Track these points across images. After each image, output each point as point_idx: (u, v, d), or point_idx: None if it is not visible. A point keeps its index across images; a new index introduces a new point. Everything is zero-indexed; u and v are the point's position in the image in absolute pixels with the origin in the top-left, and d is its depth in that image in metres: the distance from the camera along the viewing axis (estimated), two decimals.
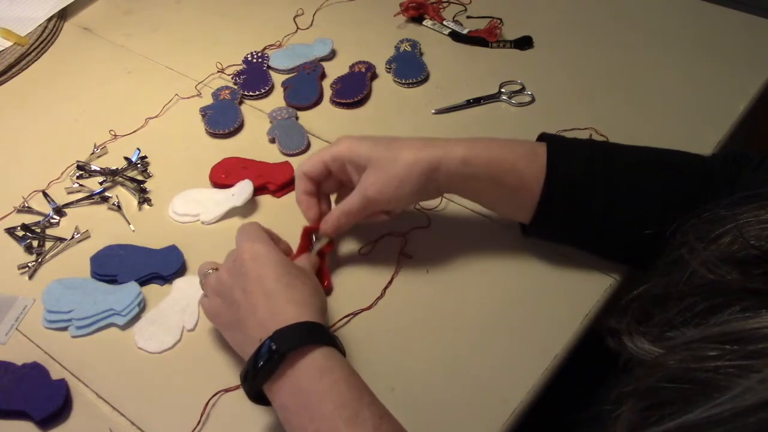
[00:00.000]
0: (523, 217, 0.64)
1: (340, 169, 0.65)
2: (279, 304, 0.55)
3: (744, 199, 0.45)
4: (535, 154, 0.62)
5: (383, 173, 0.61)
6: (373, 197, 0.62)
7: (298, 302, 0.55)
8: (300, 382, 0.51)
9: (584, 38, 0.95)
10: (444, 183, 0.62)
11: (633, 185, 0.61)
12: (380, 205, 0.64)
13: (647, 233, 0.56)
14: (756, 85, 0.85)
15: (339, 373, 0.51)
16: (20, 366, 0.62)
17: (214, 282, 0.60)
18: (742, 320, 0.37)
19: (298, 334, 0.52)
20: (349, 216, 0.64)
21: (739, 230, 0.42)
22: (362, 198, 0.63)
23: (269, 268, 0.57)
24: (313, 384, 0.50)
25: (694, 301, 0.42)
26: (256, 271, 0.57)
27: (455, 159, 0.61)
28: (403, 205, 0.67)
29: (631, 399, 0.41)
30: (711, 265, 0.42)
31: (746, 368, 0.35)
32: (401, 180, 0.61)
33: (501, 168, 0.61)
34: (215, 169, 0.79)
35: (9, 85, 0.95)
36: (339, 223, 0.65)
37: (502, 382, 0.60)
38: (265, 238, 0.60)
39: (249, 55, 0.95)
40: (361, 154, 0.62)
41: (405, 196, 0.63)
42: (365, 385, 0.52)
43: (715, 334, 0.38)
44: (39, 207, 0.78)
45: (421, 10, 0.99)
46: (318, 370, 0.51)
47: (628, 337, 0.44)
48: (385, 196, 0.62)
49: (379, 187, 0.62)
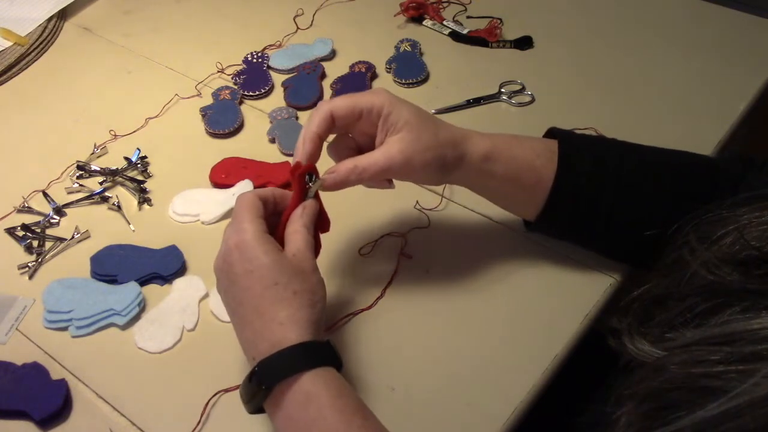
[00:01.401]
0: (530, 213, 0.64)
1: (368, 121, 0.59)
2: (266, 323, 0.52)
3: (745, 200, 0.45)
4: (552, 152, 0.61)
5: (419, 144, 0.57)
6: (399, 163, 0.57)
7: (285, 321, 0.52)
8: (288, 411, 0.50)
9: (584, 38, 0.95)
10: (459, 174, 0.60)
11: (640, 185, 0.61)
12: (398, 174, 0.59)
13: (651, 233, 0.56)
14: (756, 85, 0.85)
15: (325, 398, 0.49)
16: (20, 366, 0.62)
17: (217, 283, 0.59)
18: (742, 321, 0.37)
19: (281, 364, 0.51)
20: (363, 174, 0.57)
21: (740, 231, 0.42)
22: (387, 161, 0.57)
23: (255, 279, 0.53)
24: (301, 413, 0.50)
25: (694, 301, 0.42)
26: (245, 282, 0.53)
27: (477, 153, 0.60)
28: (416, 180, 0.64)
29: (631, 401, 0.41)
30: (712, 266, 0.42)
31: (747, 372, 0.35)
32: (434, 156, 0.57)
33: (519, 167, 0.60)
34: (215, 169, 0.79)
35: (9, 85, 0.95)
36: (348, 178, 0.58)
37: (502, 382, 0.60)
38: (255, 233, 0.54)
39: (249, 55, 0.95)
40: (402, 115, 0.58)
41: (426, 172, 0.59)
42: (357, 406, 0.51)
43: (715, 335, 0.38)
44: (39, 207, 0.77)
45: (421, 10, 0.99)
46: (305, 398, 0.50)
47: (628, 337, 0.43)
48: (411, 166, 0.57)
49: (409, 155, 0.57)
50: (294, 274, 0.54)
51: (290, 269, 0.54)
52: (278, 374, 0.51)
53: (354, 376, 0.60)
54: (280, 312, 0.52)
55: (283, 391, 0.50)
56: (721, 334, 0.38)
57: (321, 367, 0.51)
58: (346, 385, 0.52)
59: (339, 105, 0.58)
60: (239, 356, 0.62)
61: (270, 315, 0.52)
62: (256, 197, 0.57)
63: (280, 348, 0.51)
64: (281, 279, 0.53)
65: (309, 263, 0.55)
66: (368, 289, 0.67)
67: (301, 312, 0.53)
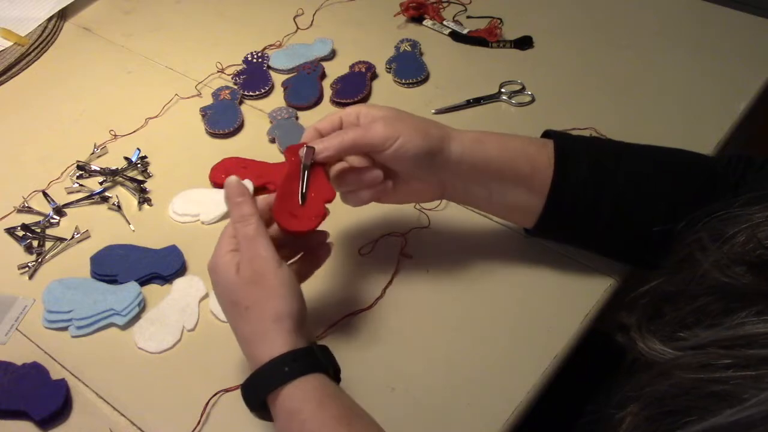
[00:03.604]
0: (529, 220, 0.63)
1: (351, 124, 0.60)
2: (243, 343, 0.54)
3: (758, 198, 0.44)
4: (543, 143, 0.61)
5: (399, 122, 0.58)
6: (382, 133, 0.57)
7: (250, 338, 0.53)
8: (279, 424, 0.52)
9: (584, 38, 0.95)
10: (454, 162, 0.59)
11: (639, 187, 0.60)
12: (383, 152, 0.58)
13: (652, 232, 0.55)
14: (756, 85, 0.85)
15: (306, 412, 0.50)
16: (20, 366, 0.62)
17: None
18: (757, 324, 0.37)
19: (258, 384, 0.52)
20: (343, 139, 0.57)
21: (752, 231, 0.41)
22: (364, 128, 0.58)
23: (222, 301, 0.55)
24: (286, 427, 0.51)
25: (707, 301, 0.41)
26: (221, 303, 0.56)
27: (467, 136, 0.60)
28: (404, 167, 0.60)
29: (636, 404, 0.40)
30: (723, 266, 0.41)
31: (759, 378, 0.34)
32: (416, 130, 0.57)
33: (513, 154, 0.60)
34: (215, 169, 0.79)
35: (9, 85, 0.95)
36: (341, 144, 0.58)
37: (502, 382, 0.60)
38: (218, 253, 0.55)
39: (249, 55, 0.95)
40: (380, 110, 0.60)
41: (410, 152, 0.57)
42: (340, 414, 0.50)
43: (728, 337, 0.37)
44: (39, 207, 0.78)
45: (421, 10, 0.99)
46: (287, 414, 0.51)
47: (638, 335, 0.43)
48: (390, 141, 0.57)
49: (391, 128, 0.57)
50: (245, 287, 0.53)
51: (242, 284, 0.53)
52: (258, 395, 0.52)
53: (354, 376, 0.60)
54: (243, 330, 0.54)
55: (272, 408, 0.52)
56: (735, 336, 0.37)
57: (299, 377, 0.51)
58: (329, 392, 0.51)
59: (321, 122, 0.61)
60: (239, 356, 0.62)
61: (240, 334, 0.54)
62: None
63: (260, 365, 0.52)
64: (235, 296, 0.54)
65: (268, 266, 0.53)
66: (368, 289, 0.67)
67: (260, 325, 0.52)
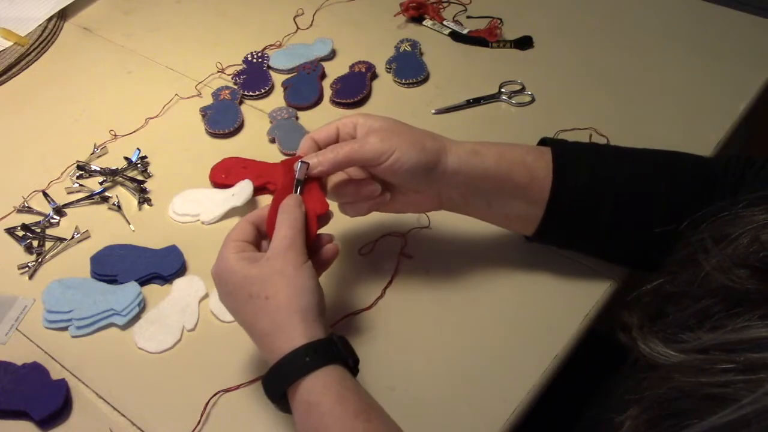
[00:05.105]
0: (528, 227, 0.63)
1: (348, 134, 0.60)
2: (259, 338, 0.54)
3: (761, 199, 0.44)
4: (540, 151, 0.61)
5: (395, 134, 0.58)
6: (372, 147, 0.57)
7: (269, 330, 0.52)
8: (297, 417, 0.51)
9: (584, 38, 0.95)
10: (450, 174, 0.58)
11: (638, 193, 0.60)
12: (380, 165, 0.57)
13: (652, 234, 0.55)
14: (756, 85, 0.85)
15: (325, 405, 0.49)
16: (20, 366, 0.62)
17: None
18: (762, 328, 0.37)
19: (277, 378, 0.52)
20: (338, 154, 0.57)
21: (756, 233, 0.41)
22: (364, 142, 0.57)
23: (235, 298, 0.54)
24: (305, 421, 0.51)
25: (709, 303, 0.41)
26: (232, 304, 0.55)
27: (463, 148, 0.59)
28: (401, 180, 0.59)
29: (635, 408, 0.40)
30: (726, 268, 0.41)
31: (758, 382, 0.34)
32: (412, 141, 0.57)
33: (510, 164, 0.59)
34: (215, 169, 0.79)
35: (9, 85, 0.95)
36: (326, 157, 0.58)
37: (502, 382, 0.60)
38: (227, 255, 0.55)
39: (249, 55, 0.95)
40: (376, 120, 0.59)
41: (405, 166, 0.57)
42: (359, 408, 0.50)
43: (731, 340, 0.37)
44: (39, 207, 0.77)
45: (421, 10, 0.99)
46: (306, 407, 0.50)
47: (640, 336, 0.42)
48: (385, 155, 0.57)
49: (386, 142, 0.57)
50: (265, 278, 0.53)
51: (261, 276, 0.53)
52: (278, 388, 0.52)
53: None
54: (261, 322, 0.53)
55: (291, 400, 0.51)
56: (738, 340, 0.37)
57: (319, 369, 0.50)
58: (349, 385, 0.51)
59: (318, 131, 0.61)
60: (239, 356, 0.62)
61: (258, 328, 0.54)
62: (245, 221, 0.58)
63: (279, 357, 0.51)
64: (253, 289, 0.53)
65: (287, 258, 0.54)
66: (368, 289, 0.67)
67: (280, 315, 0.52)
